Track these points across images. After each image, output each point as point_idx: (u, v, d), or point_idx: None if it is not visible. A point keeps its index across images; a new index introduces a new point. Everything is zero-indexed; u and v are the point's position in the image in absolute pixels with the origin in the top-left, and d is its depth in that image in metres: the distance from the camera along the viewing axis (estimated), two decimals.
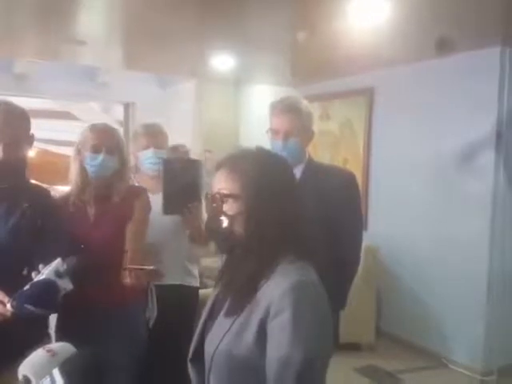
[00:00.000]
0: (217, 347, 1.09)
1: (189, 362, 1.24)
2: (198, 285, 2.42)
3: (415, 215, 3.99)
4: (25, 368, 1.03)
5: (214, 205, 1.16)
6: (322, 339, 1.07)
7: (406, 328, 4.08)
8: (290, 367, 1.00)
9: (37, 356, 1.05)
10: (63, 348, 1.08)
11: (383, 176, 4.30)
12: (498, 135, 3.46)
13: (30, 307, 1.39)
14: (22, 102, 1.72)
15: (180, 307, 2.23)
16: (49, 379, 1.00)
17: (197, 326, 1.28)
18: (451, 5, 2.63)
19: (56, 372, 1.00)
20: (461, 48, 3.42)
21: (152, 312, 2.08)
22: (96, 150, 1.85)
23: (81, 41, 3.54)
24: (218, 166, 1.18)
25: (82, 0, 2.85)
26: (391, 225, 4.16)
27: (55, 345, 1.10)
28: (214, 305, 1.24)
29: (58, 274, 1.45)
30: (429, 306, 3.93)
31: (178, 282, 2.29)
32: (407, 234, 4.04)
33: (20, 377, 1.03)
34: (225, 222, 1.13)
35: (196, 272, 2.43)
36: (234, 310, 1.10)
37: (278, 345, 1.02)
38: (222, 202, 1.14)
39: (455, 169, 3.69)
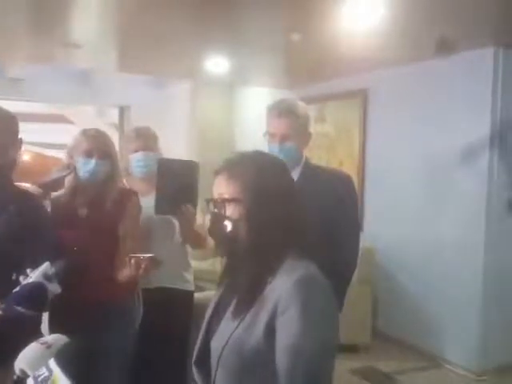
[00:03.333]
0: (226, 343, 1.10)
1: (193, 364, 1.25)
2: (192, 288, 2.41)
3: (411, 216, 4.00)
4: (21, 362, 1.05)
5: (216, 210, 1.18)
6: (330, 328, 1.10)
7: (403, 329, 4.09)
8: (300, 356, 1.02)
9: (32, 349, 1.06)
10: (57, 339, 1.10)
11: (379, 177, 4.31)
12: (493, 136, 3.47)
13: (19, 308, 1.41)
14: (16, 105, 1.70)
15: (174, 311, 2.23)
16: (45, 369, 1.01)
17: (196, 329, 1.28)
18: (446, 6, 2.64)
19: (52, 362, 1.02)
20: (457, 48, 3.42)
21: (137, 314, 2.09)
22: (88, 154, 1.91)
23: (75, 44, 3.53)
24: (217, 172, 1.20)
25: (77, 3, 2.84)
26: (387, 226, 4.17)
27: (49, 337, 1.12)
28: (218, 305, 1.25)
29: (47, 277, 1.47)
30: (425, 307, 3.94)
31: (172, 286, 2.30)
32: (403, 235, 4.05)
33: (17, 371, 1.04)
34: (229, 227, 1.14)
35: (190, 275, 2.42)
36: (242, 309, 1.11)
37: (288, 336, 1.04)
38: (224, 207, 1.16)
39: (451, 170, 3.71)
